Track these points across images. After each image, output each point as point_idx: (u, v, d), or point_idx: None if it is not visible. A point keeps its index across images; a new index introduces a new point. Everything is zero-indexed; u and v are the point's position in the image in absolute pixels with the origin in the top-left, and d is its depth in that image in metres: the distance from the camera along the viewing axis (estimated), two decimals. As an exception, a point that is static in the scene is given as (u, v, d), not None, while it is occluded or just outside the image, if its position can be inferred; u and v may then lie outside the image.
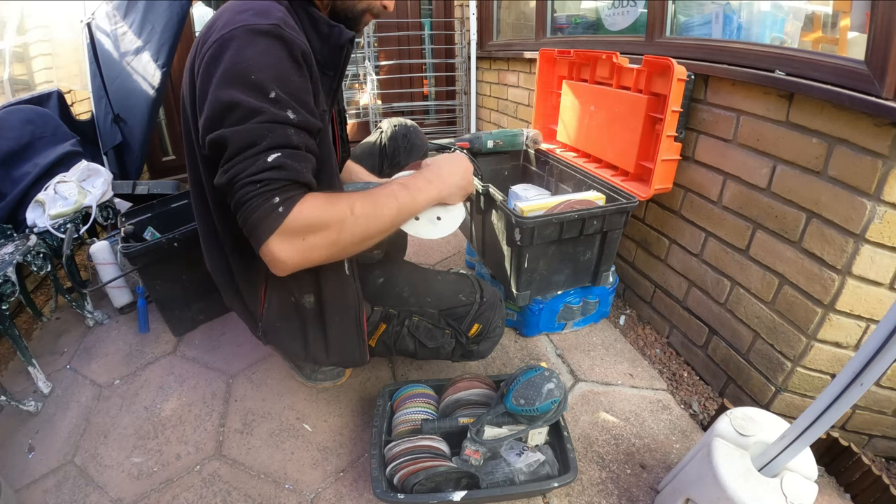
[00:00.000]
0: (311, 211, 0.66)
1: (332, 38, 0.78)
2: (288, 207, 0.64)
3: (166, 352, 1.44)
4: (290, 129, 0.66)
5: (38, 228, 1.42)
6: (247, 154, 0.64)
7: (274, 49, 0.66)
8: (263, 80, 0.65)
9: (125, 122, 1.95)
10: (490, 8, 2.64)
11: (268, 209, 0.64)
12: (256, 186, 0.64)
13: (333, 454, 1.10)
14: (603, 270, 1.36)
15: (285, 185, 0.65)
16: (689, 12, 1.46)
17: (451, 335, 1.04)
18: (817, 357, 1.01)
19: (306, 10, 0.77)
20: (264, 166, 0.64)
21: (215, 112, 0.66)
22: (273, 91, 0.65)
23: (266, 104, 0.65)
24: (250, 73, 0.64)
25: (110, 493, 1.02)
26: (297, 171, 0.66)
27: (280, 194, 0.64)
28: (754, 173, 1.10)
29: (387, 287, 1.04)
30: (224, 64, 0.65)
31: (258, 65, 0.65)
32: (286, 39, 0.67)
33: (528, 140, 1.72)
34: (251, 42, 0.66)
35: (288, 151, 0.66)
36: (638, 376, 1.30)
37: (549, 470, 0.95)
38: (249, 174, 0.64)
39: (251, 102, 0.64)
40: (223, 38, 0.66)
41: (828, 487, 1.01)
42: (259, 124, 0.64)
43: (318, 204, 0.68)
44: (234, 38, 0.66)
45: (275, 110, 0.65)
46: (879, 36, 0.84)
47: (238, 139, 0.64)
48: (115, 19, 1.95)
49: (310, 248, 0.68)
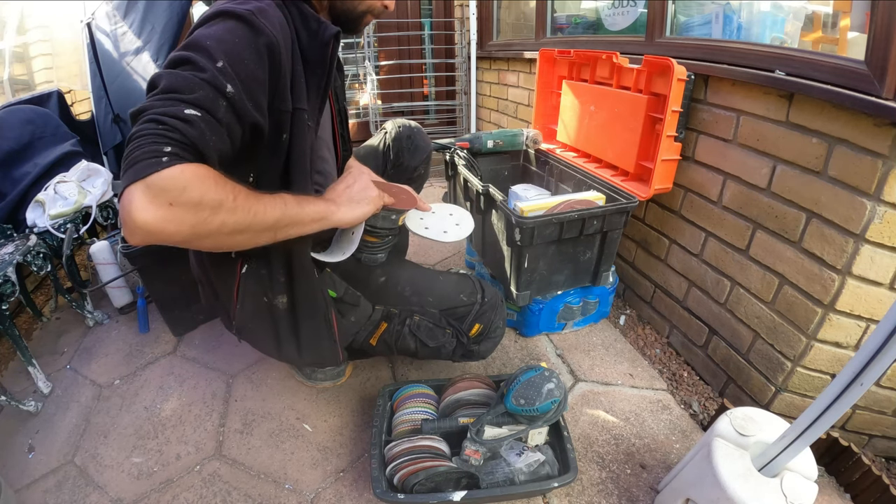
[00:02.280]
0: (193, 178, 0.58)
1: (318, 34, 0.78)
2: (172, 162, 0.56)
3: (166, 352, 1.44)
4: (222, 100, 0.63)
5: (38, 228, 1.42)
6: (169, 95, 0.61)
7: (239, 31, 0.67)
8: (215, 50, 0.64)
9: (125, 122, 1.95)
10: (490, 8, 2.63)
11: (151, 152, 0.56)
12: (157, 127, 0.58)
13: (333, 454, 1.10)
14: (603, 270, 1.36)
15: (184, 143, 0.59)
16: (689, 12, 1.46)
17: (452, 335, 1.05)
18: (817, 357, 1.01)
19: (298, 6, 0.77)
20: (177, 114, 0.59)
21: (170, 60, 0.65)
22: (221, 62, 0.64)
23: (211, 68, 0.63)
24: (206, 41, 0.65)
25: (110, 493, 1.02)
26: (204, 139, 0.61)
27: (173, 146, 0.58)
28: (754, 173, 1.10)
29: (388, 286, 1.05)
30: (199, 31, 0.67)
31: (217, 38, 0.65)
32: (255, 27, 0.67)
33: (528, 140, 1.72)
34: (222, 23, 0.67)
35: (208, 117, 0.62)
36: (638, 376, 1.30)
37: (549, 470, 0.95)
38: (158, 112, 0.59)
39: (199, 61, 0.63)
40: (212, 12, 0.68)
41: (828, 487, 1.01)
42: (195, 77, 0.62)
43: (204, 175, 0.60)
44: (208, 19, 0.68)
45: (216, 75, 0.63)
46: (879, 36, 0.84)
47: (169, 81, 0.62)
48: (115, 19, 1.95)
49: (172, 217, 0.58)
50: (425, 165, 1.35)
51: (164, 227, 0.58)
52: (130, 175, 0.56)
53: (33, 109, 1.74)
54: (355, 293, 1.00)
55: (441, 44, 3.10)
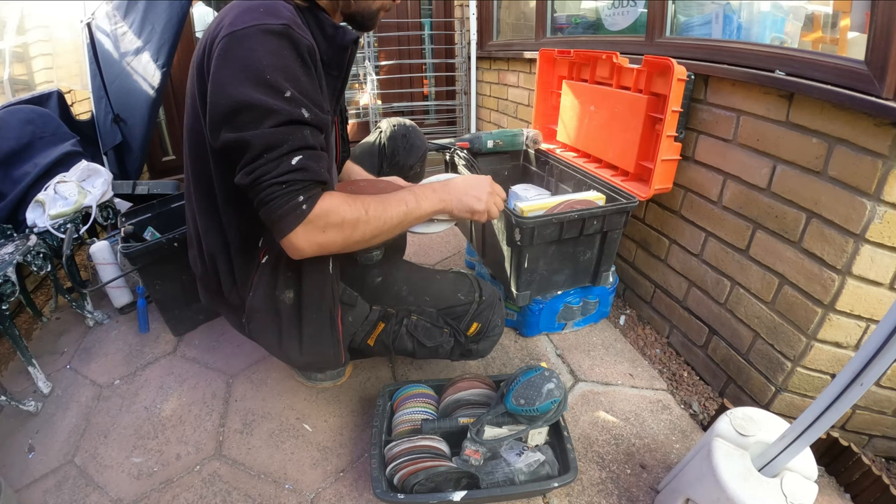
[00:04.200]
0: (331, 209, 0.73)
1: (336, 39, 0.80)
2: (311, 205, 0.71)
3: (166, 352, 1.44)
4: (307, 128, 0.70)
5: (38, 228, 1.42)
6: (270, 157, 0.68)
7: (285, 49, 0.69)
8: (278, 80, 0.67)
9: (125, 122, 1.95)
10: (490, 8, 2.64)
11: (293, 207, 0.69)
12: (282, 187, 0.69)
13: (333, 454, 1.10)
14: (603, 270, 1.36)
15: (307, 185, 0.70)
16: (689, 12, 1.46)
17: (450, 334, 1.04)
18: (817, 357, 1.01)
19: (313, 11, 0.79)
20: (288, 168, 0.68)
21: (231, 109, 0.68)
22: (288, 90, 0.68)
23: (282, 104, 0.68)
24: (265, 73, 0.67)
25: (110, 493, 1.02)
26: (317, 171, 0.71)
27: (303, 193, 0.70)
28: (754, 173, 1.10)
29: (385, 286, 1.04)
30: (237, 62, 0.67)
31: (271, 64, 0.67)
32: (295, 39, 0.69)
33: (528, 140, 1.72)
34: (263, 41, 0.68)
35: (308, 153, 0.70)
36: (638, 376, 1.30)
37: (549, 470, 0.95)
38: (274, 176, 0.68)
39: (268, 102, 0.67)
40: (234, 35, 0.67)
41: (828, 487, 1.01)
42: (278, 126, 0.68)
43: (337, 203, 0.74)
44: (246, 37, 0.67)
45: (291, 109, 0.68)
46: (879, 36, 0.84)
47: (260, 142, 0.68)
48: (115, 19, 1.95)
49: (327, 240, 0.75)
50: (421, 164, 1.36)
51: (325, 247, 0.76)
52: (284, 228, 0.70)
53: (33, 109, 1.74)
54: (352, 293, 1.00)
55: (441, 44, 3.10)
